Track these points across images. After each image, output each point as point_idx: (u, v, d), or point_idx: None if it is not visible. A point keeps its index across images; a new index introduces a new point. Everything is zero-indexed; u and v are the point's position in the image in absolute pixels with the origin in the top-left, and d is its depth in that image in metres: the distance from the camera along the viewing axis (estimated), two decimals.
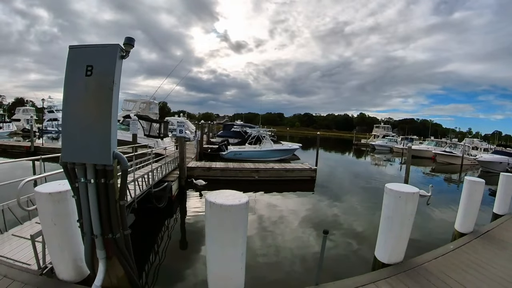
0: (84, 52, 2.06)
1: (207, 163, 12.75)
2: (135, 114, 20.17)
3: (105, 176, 2.13)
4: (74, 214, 2.51)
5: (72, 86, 2.08)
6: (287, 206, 9.71)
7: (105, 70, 2.02)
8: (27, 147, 18.58)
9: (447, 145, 29.66)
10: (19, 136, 36.02)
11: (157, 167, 8.55)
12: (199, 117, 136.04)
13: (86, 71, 2.01)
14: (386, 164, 28.66)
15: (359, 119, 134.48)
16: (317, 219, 8.64)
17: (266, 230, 7.51)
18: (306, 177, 12.95)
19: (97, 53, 2.04)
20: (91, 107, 2.02)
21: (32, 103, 67.90)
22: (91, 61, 2.02)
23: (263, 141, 19.38)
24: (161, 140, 19.24)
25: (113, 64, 2.03)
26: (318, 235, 7.18)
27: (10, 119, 41.43)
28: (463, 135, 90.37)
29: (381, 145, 39.15)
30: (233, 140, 25.70)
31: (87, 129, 2.03)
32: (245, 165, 12.60)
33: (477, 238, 4.86)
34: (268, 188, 11.66)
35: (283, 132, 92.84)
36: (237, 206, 2.24)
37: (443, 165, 25.62)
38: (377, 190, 13.23)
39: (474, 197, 5.25)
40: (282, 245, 6.58)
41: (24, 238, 3.97)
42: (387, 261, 3.90)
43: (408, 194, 3.48)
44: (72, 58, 2.11)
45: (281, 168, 12.67)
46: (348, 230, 7.64)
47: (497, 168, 21.70)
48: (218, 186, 11.21)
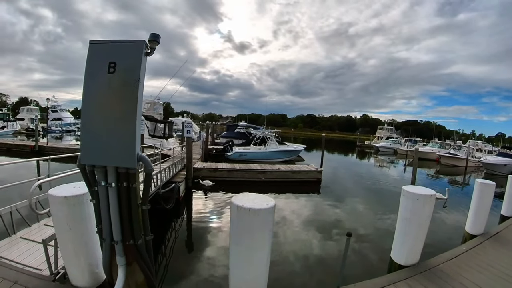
0: (107, 48, 1.93)
1: (213, 164, 12.65)
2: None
3: (128, 180, 1.99)
4: (90, 218, 2.39)
5: (93, 83, 1.94)
6: (296, 208, 9.68)
7: (129, 67, 1.89)
8: (32, 146, 18.58)
9: (452, 147, 29.42)
10: (23, 135, 36.15)
11: (165, 168, 8.44)
12: (202, 118, 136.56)
13: (109, 67, 1.88)
14: (390, 166, 28.48)
15: (362, 120, 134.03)
16: (326, 221, 8.58)
17: (278, 231, 7.41)
18: (312, 179, 12.84)
19: (121, 49, 1.90)
20: (114, 105, 1.88)
21: (36, 102, 68.17)
22: (114, 58, 1.89)
23: (268, 142, 19.26)
24: (166, 140, 19.19)
25: (138, 61, 1.89)
26: (331, 236, 7.23)
27: (14, 118, 41.58)
28: (466, 137, 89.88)
29: (385, 146, 38.92)
30: (238, 141, 25.62)
31: (110, 130, 1.89)
32: (251, 166, 12.50)
33: (487, 240, 4.88)
34: (275, 189, 11.58)
35: (287, 133, 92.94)
36: (266, 210, 2.15)
37: (447, 167, 25.42)
38: (382, 192, 13.16)
39: (485, 199, 5.24)
40: (296, 247, 6.54)
41: (34, 241, 3.88)
42: (403, 262, 3.90)
43: (425, 196, 3.51)
44: (93, 54, 1.97)
45: (288, 170, 12.56)
46: (359, 231, 7.52)
47: (502, 170, 21.52)
48: (225, 187, 11.19)
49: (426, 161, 28.89)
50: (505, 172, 21.43)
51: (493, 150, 39.47)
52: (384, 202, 10.82)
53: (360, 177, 18.70)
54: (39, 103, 75.17)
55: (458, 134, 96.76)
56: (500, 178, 21.04)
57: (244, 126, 29.89)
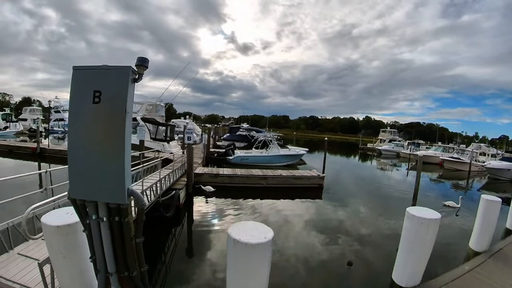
0: (91, 75, 1.78)
1: (214, 169, 12.59)
2: (141, 117, 20.13)
3: (119, 214, 1.90)
4: (85, 246, 2.32)
5: (78, 114, 1.78)
6: (297, 214, 9.65)
7: (115, 97, 1.74)
8: (33, 148, 18.51)
9: (455, 151, 29.17)
10: (25, 135, 36.34)
11: (165, 175, 8.38)
12: (205, 119, 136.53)
13: (94, 97, 1.74)
14: (393, 169, 28.29)
15: (364, 122, 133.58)
16: (327, 228, 8.49)
17: (280, 236, 7.50)
18: (314, 185, 12.75)
19: (106, 76, 1.76)
20: (101, 138, 1.73)
21: (39, 102, 68.57)
22: (99, 86, 1.74)
23: (270, 146, 19.18)
24: (167, 143, 19.16)
25: (125, 89, 1.74)
26: (331, 242, 7.39)
27: (17, 119, 41.82)
28: (470, 140, 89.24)
29: (388, 150, 38.71)
30: (239, 143, 25.56)
31: (97, 163, 1.75)
32: (253, 172, 12.41)
33: (491, 258, 4.74)
34: (276, 195, 11.52)
35: (289, 135, 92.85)
36: (263, 244, 2.06)
37: (450, 171, 25.22)
38: (385, 199, 13.06)
39: (490, 216, 5.08)
40: (297, 252, 6.62)
41: (31, 258, 3.83)
42: (405, 284, 3.83)
43: (430, 220, 3.40)
44: (76, 82, 1.80)
45: (289, 176, 12.47)
46: (360, 244, 7.38)
47: (505, 175, 21.32)
48: (226, 193, 11.14)
49: (429, 165, 28.66)
50: (509, 177, 21.25)
51: (497, 153, 39.11)
52: (386, 211, 10.70)
53: (363, 181, 18.56)
54: (42, 103, 75.77)
55: (461, 137, 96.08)
56: (504, 183, 20.91)
57: (246, 129, 29.78)
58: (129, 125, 1.79)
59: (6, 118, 37.53)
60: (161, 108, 28.83)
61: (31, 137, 35.89)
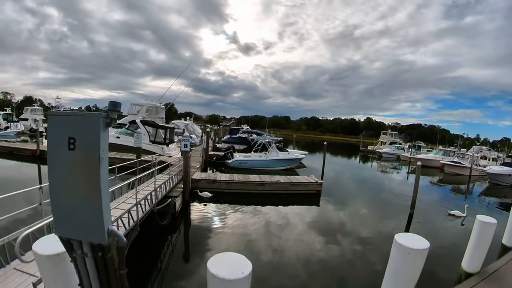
0: (66, 122, 1.81)
1: (212, 175, 12.60)
2: (140, 120, 20.16)
3: (102, 251, 1.97)
4: (74, 274, 2.38)
5: (56, 160, 1.81)
6: (293, 222, 9.71)
7: (89, 144, 1.78)
8: (33, 150, 18.48)
9: (455, 154, 29.07)
10: (26, 135, 36.46)
11: (161, 184, 8.38)
12: (206, 119, 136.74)
13: (69, 143, 1.78)
14: (393, 172, 28.27)
15: (366, 123, 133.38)
16: (321, 237, 8.58)
17: (274, 242, 7.74)
18: (312, 191, 12.73)
19: (79, 123, 1.79)
20: (79, 183, 1.76)
21: (40, 102, 68.78)
22: (73, 133, 1.78)
23: (269, 150, 19.18)
24: (166, 146, 19.21)
25: (97, 137, 1.77)
26: (325, 249, 7.63)
27: (18, 119, 41.91)
28: (471, 142, 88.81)
29: (388, 152, 38.61)
30: (239, 146, 25.61)
31: (77, 207, 1.82)
32: (250, 178, 12.40)
33: (484, 280, 4.53)
34: (274, 201, 11.57)
35: (290, 136, 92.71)
36: (240, 280, 2.08)
37: (451, 175, 25.14)
38: (383, 206, 13.01)
39: (485, 238, 4.92)
40: (292, 259, 6.90)
41: (27, 273, 3.89)
42: None
43: (417, 251, 3.23)
44: (52, 127, 1.83)
45: (287, 182, 12.46)
46: (348, 259, 7.32)
47: (506, 180, 21.22)
48: (223, 198, 11.18)
49: (429, 169, 28.61)
50: (509, 183, 21.16)
51: (498, 156, 38.91)
52: (382, 221, 10.61)
53: (362, 186, 18.54)
54: (43, 102, 76.14)
55: (462, 139, 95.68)
56: (505, 189, 20.84)
57: (247, 132, 29.77)
58: (105, 170, 1.82)
59: (7, 118, 37.66)
60: (161, 110, 28.88)
61: (32, 137, 36.03)
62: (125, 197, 7.56)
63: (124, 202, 6.87)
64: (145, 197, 6.90)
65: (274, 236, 8.37)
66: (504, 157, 41.47)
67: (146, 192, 7.47)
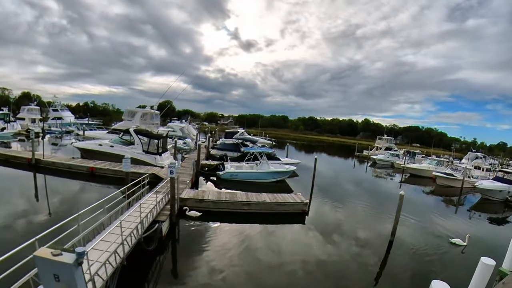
0: (49, 264, 2.69)
1: (200, 193, 12.77)
2: (134, 129, 20.13)
3: None
4: None
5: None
6: (276, 242, 10.19)
7: (68, 280, 2.68)
8: (29, 159, 18.30)
9: (448, 166, 29.31)
10: (23, 135, 36.41)
11: (148, 213, 8.49)
12: (204, 117, 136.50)
13: (55, 278, 2.67)
14: (386, 183, 28.50)
15: (363, 124, 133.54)
16: (303, 258, 9.09)
17: (255, 266, 8.27)
18: (297, 210, 13.08)
19: (58, 266, 2.66)
20: None
21: (39, 98, 68.54)
22: (56, 271, 2.67)
23: (261, 161, 19.35)
24: (159, 156, 19.32)
25: (72, 276, 2.68)
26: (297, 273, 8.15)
27: (15, 118, 41.77)
28: (468, 145, 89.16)
29: (382, 159, 38.93)
30: (232, 153, 25.77)
31: None
32: (237, 197, 12.64)
33: None
34: (260, 220, 11.90)
35: (287, 136, 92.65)
36: None
37: (443, 187, 25.43)
38: (368, 226, 13.17)
39: (484, 278, 5.04)
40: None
41: None
42: None
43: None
44: (41, 268, 2.76)
45: (273, 202, 12.71)
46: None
47: (497, 196, 21.45)
48: (211, 217, 11.48)
49: (422, 179, 28.98)
50: (500, 198, 21.40)
51: (493, 164, 39.16)
52: (365, 246, 10.84)
53: (352, 198, 18.71)
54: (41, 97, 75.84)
55: (459, 142, 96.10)
56: (496, 204, 21.11)
57: (242, 139, 29.84)
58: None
59: (4, 118, 37.53)
60: (155, 116, 28.89)
61: (29, 138, 35.97)
62: (110, 228, 7.64)
63: (109, 234, 6.99)
64: (131, 232, 7.05)
65: (258, 255, 9.00)
66: (498, 164, 41.87)
67: (132, 221, 7.63)
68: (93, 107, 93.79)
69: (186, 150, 28.67)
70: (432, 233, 12.85)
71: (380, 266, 9.17)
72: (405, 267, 9.26)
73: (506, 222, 17.76)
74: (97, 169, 17.05)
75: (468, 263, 8.59)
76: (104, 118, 77.12)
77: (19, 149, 27.60)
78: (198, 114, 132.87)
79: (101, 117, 78.66)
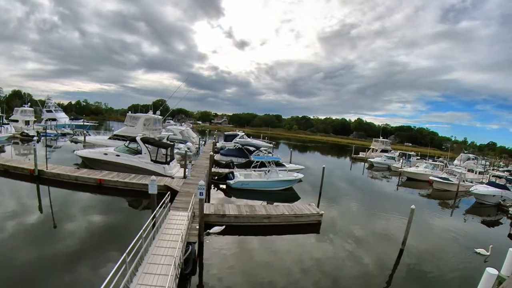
0: None
1: (219, 207, 12.98)
2: (140, 138, 19.59)
3: None
4: None
5: None
6: (297, 252, 10.85)
7: None
8: (31, 170, 17.24)
9: (444, 171, 30.47)
10: (18, 139, 35.39)
11: (181, 235, 8.48)
12: (198, 116, 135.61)
13: None
14: (386, 185, 29.50)
15: (356, 124, 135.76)
16: (318, 263, 10.14)
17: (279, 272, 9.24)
18: (313, 221, 13.66)
19: None
20: None
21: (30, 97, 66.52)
22: None
23: (269, 170, 19.72)
24: (167, 165, 19.07)
25: None
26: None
27: (8, 120, 40.52)
28: (458, 145, 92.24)
29: (380, 162, 39.94)
30: (237, 159, 25.98)
31: None
32: (257, 211, 12.97)
33: None
34: (279, 231, 12.40)
35: (281, 135, 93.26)
36: None
37: (439, 191, 26.49)
38: (379, 232, 13.90)
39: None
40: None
41: None
42: None
43: None
44: None
45: (291, 214, 13.15)
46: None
47: (491, 200, 22.65)
48: (233, 231, 11.83)
49: (419, 182, 30.11)
50: (494, 202, 22.60)
51: (485, 165, 40.81)
52: (375, 250, 11.73)
53: (356, 202, 19.75)
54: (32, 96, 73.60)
55: (450, 141, 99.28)
56: (489, 208, 22.22)
57: (245, 144, 30.03)
58: None
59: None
60: (158, 121, 28.75)
61: (24, 141, 34.92)
62: (148, 258, 7.34)
63: (149, 265, 6.88)
64: (174, 260, 6.77)
65: (285, 266, 9.70)
66: (489, 165, 43.69)
67: (168, 247, 7.75)
68: (85, 105, 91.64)
69: (190, 156, 28.57)
70: (455, 241, 14.01)
71: (392, 272, 10.15)
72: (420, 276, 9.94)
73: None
74: (106, 180, 16.30)
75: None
76: (96, 117, 75.68)
77: (13, 154, 26.65)
78: (191, 113, 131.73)
79: (93, 116, 77.24)
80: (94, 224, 11.61)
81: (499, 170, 36.97)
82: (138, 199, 15.31)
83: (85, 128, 46.51)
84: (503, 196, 22.80)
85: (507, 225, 18.62)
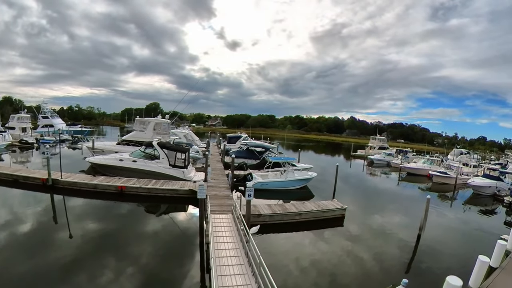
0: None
1: (255, 208, 13.63)
2: (157, 143, 19.69)
3: None
4: None
5: None
6: (328, 244, 11.99)
7: None
8: (44, 179, 16.45)
9: (442, 165, 32.21)
10: (16, 147, 34.63)
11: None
12: (191, 118, 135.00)
13: None
14: (389, 181, 31.00)
15: (349, 122, 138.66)
16: (343, 253, 11.23)
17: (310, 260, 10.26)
18: (338, 215, 14.70)
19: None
20: None
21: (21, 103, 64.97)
22: None
23: (286, 170, 20.54)
24: (186, 169, 19.20)
25: None
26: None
27: (5, 128, 39.47)
28: (450, 141, 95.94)
29: (379, 159, 41.56)
30: (248, 160, 26.62)
31: None
32: (288, 209, 13.83)
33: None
34: (309, 227, 13.30)
35: (275, 135, 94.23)
36: None
37: (438, 184, 28.10)
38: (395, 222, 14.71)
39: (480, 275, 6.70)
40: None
41: None
42: None
43: None
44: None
45: (319, 210, 14.15)
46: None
47: (487, 191, 24.44)
48: (268, 229, 12.46)
49: (418, 177, 31.79)
50: (490, 193, 24.35)
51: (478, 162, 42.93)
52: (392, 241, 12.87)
53: (366, 196, 20.93)
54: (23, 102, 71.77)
55: (441, 137, 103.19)
56: (485, 198, 23.90)
57: (250, 144, 30.67)
58: None
59: None
60: (166, 125, 28.83)
61: (23, 149, 34.23)
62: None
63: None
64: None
65: (322, 258, 10.66)
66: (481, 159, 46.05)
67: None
68: (77, 110, 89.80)
69: (200, 159, 28.80)
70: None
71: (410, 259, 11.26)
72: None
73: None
74: (127, 187, 15.92)
75: None
76: (89, 122, 74.52)
77: (18, 162, 26.15)
78: (184, 116, 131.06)
79: (86, 121, 75.94)
80: (122, 232, 11.76)
81: (491, 163, 39.08)
82: (160, 205, 15.50)
83: (83, 133, 46.02)
84: (498, 187, 24.55)
85: (503, 213, 20.15)
